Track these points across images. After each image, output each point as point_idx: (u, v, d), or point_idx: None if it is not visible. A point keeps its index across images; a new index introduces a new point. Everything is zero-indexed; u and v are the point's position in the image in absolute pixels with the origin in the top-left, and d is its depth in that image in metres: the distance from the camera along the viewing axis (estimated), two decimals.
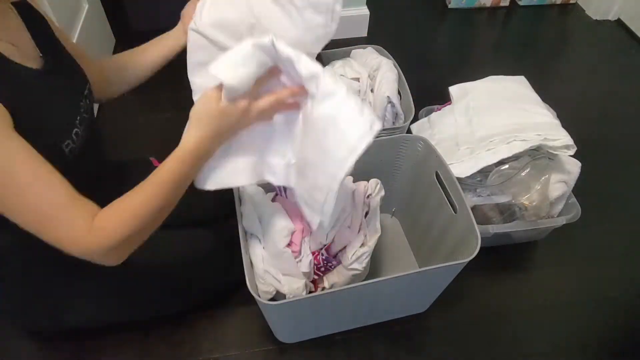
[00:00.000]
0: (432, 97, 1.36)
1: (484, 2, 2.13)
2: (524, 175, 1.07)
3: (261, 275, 0.91)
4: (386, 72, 1.14)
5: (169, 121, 1.53)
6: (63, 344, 1.05)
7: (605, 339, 1.11)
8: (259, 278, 0.92)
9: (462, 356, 1.08)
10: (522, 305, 1.17)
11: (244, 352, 1.06)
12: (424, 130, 1.28)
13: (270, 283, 0.91)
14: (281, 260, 0.90)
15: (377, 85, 1.11)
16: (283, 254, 0.90)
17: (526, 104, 1.18)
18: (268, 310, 0.93)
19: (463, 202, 0.95)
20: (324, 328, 1.07)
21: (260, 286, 0.92)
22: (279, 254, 0.90)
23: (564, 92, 1.73)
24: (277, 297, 0.93)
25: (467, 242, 0.92)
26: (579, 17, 2.13)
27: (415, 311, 1.12)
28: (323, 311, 0.96)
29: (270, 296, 0.93)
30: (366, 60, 1.25)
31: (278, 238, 0.89)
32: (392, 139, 1.08)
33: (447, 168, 1.00)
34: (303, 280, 0.92)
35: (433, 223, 1.09)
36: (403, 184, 1.20)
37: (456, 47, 2.00)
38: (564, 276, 1.23)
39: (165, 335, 1.08)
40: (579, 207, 1.14)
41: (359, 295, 0.92)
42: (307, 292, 0.94)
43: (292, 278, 0.91)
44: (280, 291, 0.91)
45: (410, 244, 1.25)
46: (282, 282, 0.91)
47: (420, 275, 0.90)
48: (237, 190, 0.98)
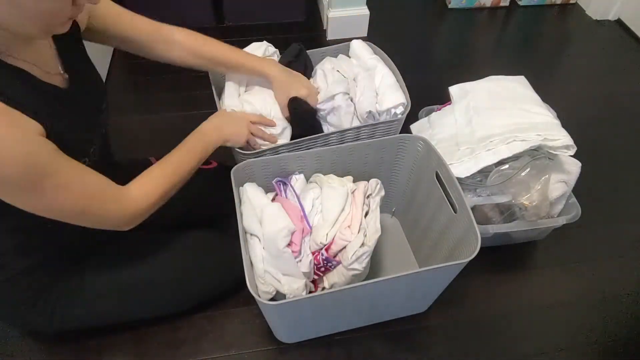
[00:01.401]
0: (432, 97, 1.36)
1: (484, 2, 2.13)
2: (524, 175, 1.07)
3: (261, 275, 0.91)
4: (365, 87, 1.14)
5: (169, 121, 1.53)
6: (63, 344, 1.05)
7: (605, 339, 1.11)
8: (259, 278, 0.92)
9: (462, 356, 1.08)
10: (522, 305, 1.17)
11: (244, 352, 1.06)
12: (424, 130, 1.28)
13: (270, 283, 0.91)
14: (281, 261, 0.90)
15: (359, 98, 1.13)
16: (283, 254, 0.89)
17: (526, 104, 1.18)
18: (268, 310, 0.92)
19: (463, 202, 0.95)
20: (323, 328, 1.07)
21: (260, 286, 0.91)
22: (279, 254, 0.90)
23: (564, 92, 1.73)
24: (277, 297, 0.93)
25: (467, 242, 0.92)
26: (579, 17, 2.13)
27: (415, 311, 1.12)
28: (323, 311, 0.96)
29: (271, 296, 0.92)
30: (360, 57, 1.24)
31: (278, 238, 0.89)
32: (392, 139, 1.08)
33: (447, 168, 1.00)
34: (303, 280, 0.92)
35: (433, 223, 1.09)
36: (403, 184, 1.19)
37: (456, 47, 2.00)
38: (564, 276, 1.23)
39: (165, 335, 1.08)
40: (579, 207, 1.14)
41: (359, 296, 0.92)
42: (307, 292, 0.94)
43: (292, 278, 0.91)
44: (280, 291, 0.91)
45: (410, 244, 1.25)
46: (282, 282, 0.91)
47: (420, 276, 0.90)
48: (237, 190, 0.98)
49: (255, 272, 0.92)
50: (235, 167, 0.99)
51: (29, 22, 0.61)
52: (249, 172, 1.02)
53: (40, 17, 0.61)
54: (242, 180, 1.02)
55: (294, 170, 1.05)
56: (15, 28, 0.62)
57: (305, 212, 0.98)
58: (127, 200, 0.77)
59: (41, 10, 0.60)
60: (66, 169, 0.67)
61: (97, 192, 0.72)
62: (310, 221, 0.97)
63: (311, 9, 2.05)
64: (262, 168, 1.03)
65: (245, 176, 1.02)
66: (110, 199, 0.74)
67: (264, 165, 1.03)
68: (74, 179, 0.68)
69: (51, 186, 0.65)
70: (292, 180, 1.03)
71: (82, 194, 0.70)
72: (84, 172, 0.71)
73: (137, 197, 0.78)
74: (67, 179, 0.67)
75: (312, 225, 0.97)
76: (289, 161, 1.04)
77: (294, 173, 1.05)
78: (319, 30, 1.98)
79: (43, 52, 0.73)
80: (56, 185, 0.65)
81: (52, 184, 0.65)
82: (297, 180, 1.04)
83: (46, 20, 0.62)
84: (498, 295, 1.18)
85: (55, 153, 0.65)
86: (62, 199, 0.67)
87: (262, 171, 1.04)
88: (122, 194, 0.77)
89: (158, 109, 1.59)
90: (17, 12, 0.59)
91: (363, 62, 1.23)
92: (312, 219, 0.98)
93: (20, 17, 0.59)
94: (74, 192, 0.68)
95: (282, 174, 1.05)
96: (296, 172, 1.05)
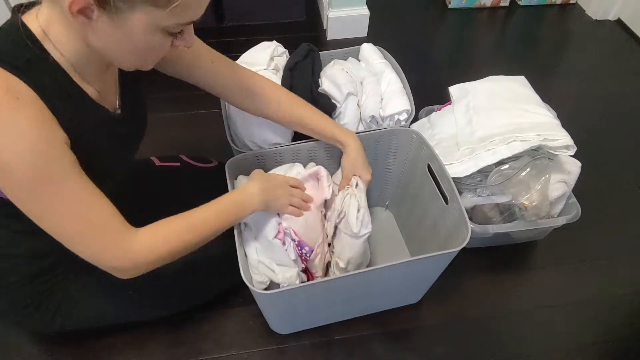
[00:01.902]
0: (432, 97, 1.36)
1: (484, 2, 2.13)
2: (524, 176, 1.07)
3: (255, 266, 0.93)
4: (371, 91, 1.14)
5: (169, 121, 1.53)
6: (63, 344, 1.05)
7: (605, 339, 1.11)
8: (253, 269, 0.94)
9: (461, 356, 1.08)
10: (522, 305, 1.17)
11: (244, 352, 1.06)
12: (424, 130, 1.28)
13: (264, 273, 0.93)
14: (272, 251, 0.92)
15: (364, 102, 1.13)
16: (274, 245, 0.92)
17: (526, 104, 1.18)
18: (262, 300, 0.94)
19: (454, 193, 0.96)
20: (318, 318, 1.07)
21: (254, 277, 0.93)
22: (270, 245, 0.92)
23: (564, 92, 1.73)
24: (271, 287, 0.95)
25: (459, 233, 0.93)
26: (579, 17, 2.13)
27: (409, 302, 1.13)
28: (316, 301, 0.97)
29: (265, 286, 0.94)
30: (369, 61, 1.24)
31: (267, 229, 0.91)
32: (385, 133, 1.10)
33: (438, 160, 1.01)
34: (296, 269, 0.94)
35: (426, 215, 1.11)
36: (396, 177, 1.21)
37: (456, 47, 2.00)
38: (564, 276, 1.23)
39: (165, 335, 1.08)
40: (579, 207, 1.14)
41: (351, 285, 0.93)
42: (300, 281, 0.96)
43: (285, 267, 0.93)
44: (274, 280, 0.93)
45: (404, 237, 1.26)
46: (276, 271, 0.93)
47: (410, 265, 0.92)
48: (231, 183, 0.99)
49: (249, 263, 0.94)
50: (230, 160, 1.00)
51: (130, 55, 0.63)
52: (243, 166, 1.03)
53: (144, 52, 0.63)
54: (237, 173, 1.03)
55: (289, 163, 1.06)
56: (113, 56, 0.64)
57: None
58: (129, 242, 0.69)
59: (149, 46, 0.62)
60: (75, 184, 0.64)
61: (99, 220, 0.67)
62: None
63: (311, 9, 2.05)
64: (256, 162, 1.04)
65: (240, 170, 1.03)
66: (111, 233, 0.68)
67: (258, 159, 1.04)
68: (79, 197, 0.64)
69: (51, 194, 0.62)
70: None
71: (82, 216, 0.65)
72: (94, 195, 0.66)
73: (142, 244, 0.71)
74: (72, 195, 0.63)
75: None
76: (284, 155, 1.05)
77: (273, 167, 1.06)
78: (319, 30, 1.98)
79: (107, 80, 0.75)
80: (57, 195, 0.62)
81: (52, 192, 0.62)
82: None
83: (145, 55, 0.64)
84: (498, 295, 1.18)
85: (71, 165, 0.63)
86: (58, 213, 0.64)
87: (257, 165, 1.04)
88: (128, 234, 0.70)
89: (158, 108, 1.59)
90: (127, 44, 0.60)
91: (372, 66, 1.23)
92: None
93: (126, 49, 0.61)
94: (73, 210, 0.64)
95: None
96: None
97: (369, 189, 1.01)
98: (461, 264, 1.09)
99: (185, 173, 1.15)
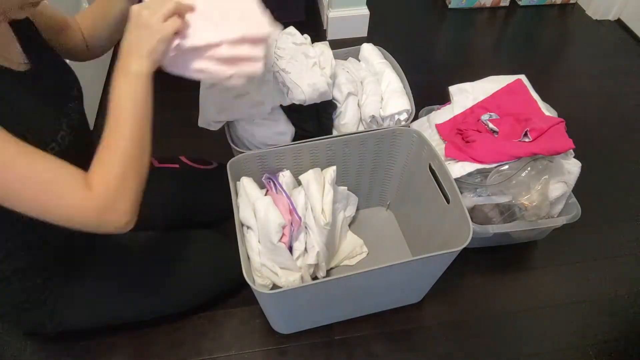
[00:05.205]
0: (432, 97, 1.36)
1: (484, 2, 2.13)
2: (524, 176, 1.07)
3: (257, 269, 0.93)
4: (371, 91, 1.15)
5: (168, 121, 1.53)
6: (63, 344, 1.05)
7: (605, 339, 1.11)
8: (256, 271, 0.94)
9: (461, 356, 1.08)
10: (522, 305, 1.17)
11: (244, 352, 1.06)
12: (423, 130, 1.27)
13: (267, 276, 0.94)
14: (277, 254, 0.92)
15: (364, 102, 1.13)
16: (278, 248, 0.92)
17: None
18: (264, 300, 0.94)
19: (456, 192, 0.96)
20: (320, 318, 1.07)
21: (257, 279, 0.94)
22: (274, 249, 0.92)
23: (564, 92, 1.73)
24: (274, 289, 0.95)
25: (460, 233, 0.93)
26: (579, 17, 2.13)
27: (410, 302, 1.13)
28: (318, 300, 0.97)
29: (267, 289, 0.94)
30: (369, 61, 1.24)
31: (271, 232, 0.91)
32: (387, 132, 1.09)
33: (440, 159, 1.01)
34: (299, 274, 0.94)
35: (427, 215, 1.11)
36: (398, 177, 1.21)
37: (456, 47, 2.00)
38: (564, 276, 1.23)
39: (165, 335, 1.08)
40: (579, 207, 1.14)
41: (353, 285, 0.93)
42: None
43: (289, 271, 0.93)
44: (277, 283, 0.94)
45: (405, 237, 1.26)
46: (279, 274, 0.93)
47: (412, 265, 0.92)
48: (233, 184, 0.99)
49: (252, 265, 0.94)
50: (231, 160, 1.00)
51: None
52: (245, 166, 1.03)
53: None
54: (238, 174, 1.03)
55: (291, 163, 1.06)
56: None
57: (293, 205, 0.99)
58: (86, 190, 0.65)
59: None
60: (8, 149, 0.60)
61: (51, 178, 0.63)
62: (300, 214, 0.99)
63: (311, 9, 2.05)
64: (258, 162, 1.04)
65: (241, 170, 1.03)
66: (65, 187, 0.64)
67: (259, 159, 1.04)
68: (19, 160, 0.61)
69: None
70: (280, 177, 1.04)
71: (29, 179, 0.62)
72: (36, 155, 0.63)
73: (97, 183, 0.66)
74: (10, 164, 0.60)
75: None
76: (285, 155, 1.05)
77: (280, 170, 1.06)
78: (319, 30, 1.98)
79: (4, 42, 0.72)
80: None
81: None
82: (285, 177, 1.05)
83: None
84: (498, 295, 1.18)
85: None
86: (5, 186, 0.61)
87: (258, 165, 1.04)
88: (82, 181, 0.65)
89: (158, 109, 1.58)
90: None
91: (372, 65, 1.23)
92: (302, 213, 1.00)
93: None
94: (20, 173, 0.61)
95: (278, 168, 1.06)
96: (283, 169, 1.06)
97: (370, 190, 1.01)
98: (462, 263, 1.09)
99: (185, 174, 1.16)
